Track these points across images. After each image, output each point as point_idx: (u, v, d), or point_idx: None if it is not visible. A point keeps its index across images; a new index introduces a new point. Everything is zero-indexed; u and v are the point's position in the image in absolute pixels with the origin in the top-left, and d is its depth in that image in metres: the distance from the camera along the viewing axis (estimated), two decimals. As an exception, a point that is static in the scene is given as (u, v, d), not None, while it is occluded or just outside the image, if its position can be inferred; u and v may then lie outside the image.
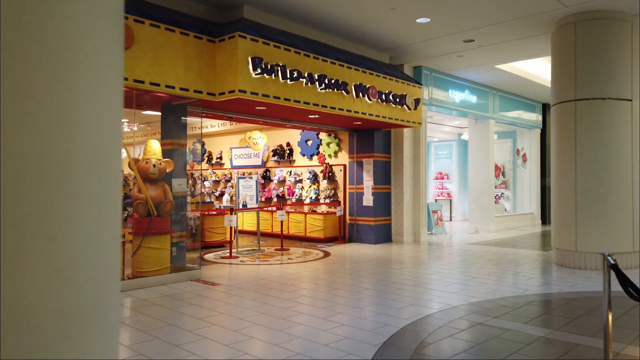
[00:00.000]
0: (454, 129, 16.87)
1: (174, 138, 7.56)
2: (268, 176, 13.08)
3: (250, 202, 9.80)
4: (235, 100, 7.18)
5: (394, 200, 11.25)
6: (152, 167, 6.86)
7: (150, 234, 6.71)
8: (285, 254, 9.45)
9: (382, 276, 7.23)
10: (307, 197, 11.86)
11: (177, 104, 7.45)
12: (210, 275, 7.31)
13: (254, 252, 9.66)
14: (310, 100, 7.91)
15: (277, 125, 10.43)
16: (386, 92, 9.51)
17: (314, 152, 12.10)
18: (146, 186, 6.87)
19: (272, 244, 11.03)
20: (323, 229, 11.07)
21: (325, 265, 8.24)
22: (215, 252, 9.69)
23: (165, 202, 6.86)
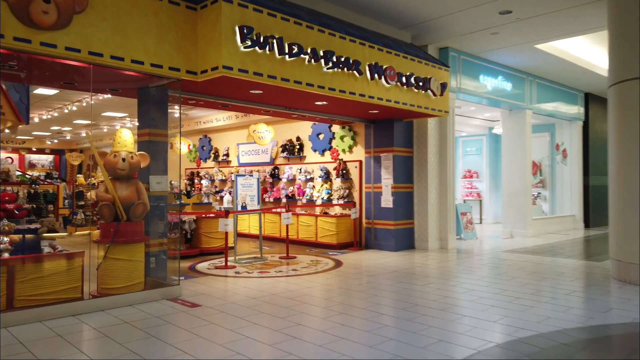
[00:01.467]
0: (483, 122, 15.29)
1: (152, 127, 6.36)
2: (277, 174, 11.82)
3: (251, 203, 8.55)
4: (221, 81, 5.93)
5: (417, 201, 9.82)
6: (121, 162, 5.67)
7: (118, 242, 5.51)
8: (290, 263, 8.16)
9: (402, 295, 5.86)
10: (318, 198, 10.55)
11: (156, 87, 6.25)
12: (192, 291, 6.07)
13: (255, 260, 8.40)
14: (314, 82, 6.60)
15: (281, 115, 9.15)
16: (407, 74, 8.11)
17: (326, 147, 10.79)
18: (115, 185, 5.68)
19: (278, 250, 9.76)
20: (336, 233, 9.74)
21: (334, 279, 6.91)
22: (211, 261, 8.47)
23: (136, 204, 5.65)
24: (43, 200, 13.70)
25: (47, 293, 4.91)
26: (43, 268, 4.91)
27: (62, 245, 5.42)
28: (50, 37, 4.64)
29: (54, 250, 5.09)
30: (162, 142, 6.43)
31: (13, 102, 7.44)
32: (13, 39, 4.41)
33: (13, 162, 15.14)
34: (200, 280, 6.83)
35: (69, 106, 11.29)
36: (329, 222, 9.87)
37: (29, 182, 13.56)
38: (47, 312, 4.74)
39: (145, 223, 6.01)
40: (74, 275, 5.14)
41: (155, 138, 6.36)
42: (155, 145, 6.36)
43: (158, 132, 6.38)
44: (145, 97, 6.40)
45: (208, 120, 13.42)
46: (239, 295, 5.86)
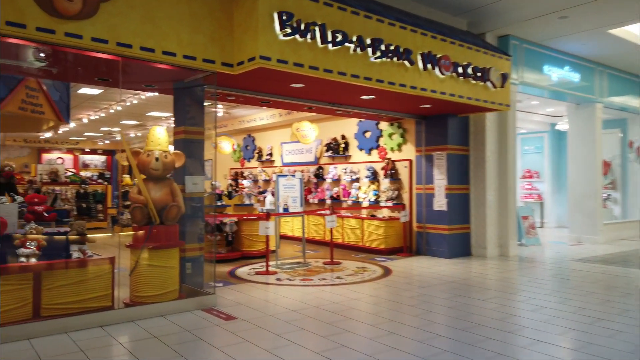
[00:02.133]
0: (545, 117, 14.10)
1: (188, 125, 5.99)
2: (321, 174, 11.31)
3: (293, 205, 8.06)
4: (259, 73, 5.46)
5: (474, 204, 9.00)
6: (155, 161, 5.31)
7: (150, 247, 5.16)
8: (334, 270, 7.61)
9: (460, 312, 5.16)
10: (365, 199, 9.93)
11: (191, 81, 5.87)
12: (229, 301, 5.63)
13: (297, 266, 7.91)
14: (360, 73, 6.00)
15: (325, 112, 8.61)
16: (464, 64, 7.35)
17: (373, 145, 10.14)
18: (148, 185, 5.33)
19: (322, 254, 9.23)
20: (384, 238, 9.08)
21: (383, 290, 6.28)
22: (252, 265, 8.05)
23: (169, 207, 5.27)
24: (92, 199, 13.94)
25: (75, 301, 4.61)
26: (71, 274, 4.61)
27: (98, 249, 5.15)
28: (76, 27, 4.31)
29: (83, 255, 4.79)
30: (199, 140, 6.05)
31: (53, 101, 7.33)
32: (36, 29, 4.11)
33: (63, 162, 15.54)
34: (239, 287, 6.40)
35: (114, 106, 11.29)
36: (377, 225, 9.23)
37: (79, 182, 13.82)
38: (74, 323, 4.42)
39: (181, 226, 5.64)
40: (104, 282, 4.82)
41: (191, 136, 5.99)
42: (191, 144, 5.99)
43: (194, 130, 6.00)
44: (181, 93, 6.04)
45: (251, 119, 13.11)
46: (278, 307, 5.36)
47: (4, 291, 4.23)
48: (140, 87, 6.33)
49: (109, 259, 4.89)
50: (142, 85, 6.25)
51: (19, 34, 4.05)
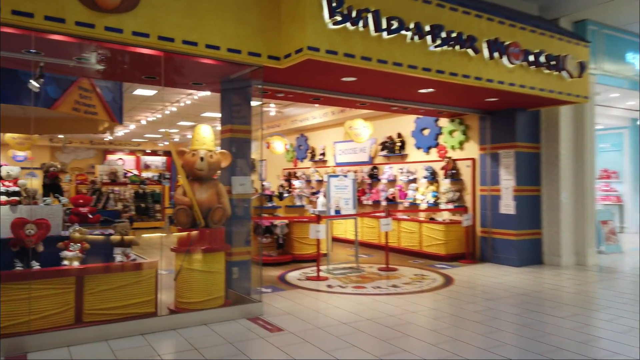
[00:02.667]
0: (625, 112, 12.74)
1: (235, 123, 5.72)
2: (376, 174, 10.79)
3: (346, 206, 7.63)
4: (307, 66, 5.07)
5: (546, 207, 8.15)
6: (200, 161, 5.07)
7: (195, 251, 4.92)
8: (390, 277, 7.09)
9: (534, 331, 4.50)
10: (423, 201, 9.31)
11: (238, 78, 5.59)
12: (277, 309, 5.29)
13: (350, 272, 7.47)
14: (418, 63, 5.47)
15: (379, 108, 8.11)
16: (536, 51, 6.60)
17: (432, 143, 9.50)
18: (194, 187, 5.10)
19: (377, 259, 8.73)
20: (444, 243, 8.44)
21: (444, 302, 5.70)
22: (303, 270, 7.70)
23: (214, 209, 5.01)
24: (150, 199, 14.20)
25: (117, 307, 4.44)
26: (114, 279, 4.44)
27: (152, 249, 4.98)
28: (116, 20, 4.12)
29: (127, 258, 4.62)
30: (246, 139, 5.76)
31: (106, 102, 7.34)
32: (75, 24, 3.95)
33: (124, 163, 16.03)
34: (288, 294, 6.05)
35: (169, 107, 11.39)
36: (436, 229, 8.60)
37: (139, 182, 14.14)
38: (115, 330, 4.24)
39: (227, 229, 5.38)
40: (147, 287, 4.62)
41: (238, 135, 5.71)
42: (238, 143, 5.71)
43: (241, 129, 5.72)
44: (227, 90, 5.79)
45: (304, 118, 12.82)
46: (328, 319, 4.95)
47: (47, 295, 4.12)
48: (187, 85, 6.15)
49: (153, 262, 4.69)
50: (190, 84, 6.05)
51: (58, 29, 3.90)
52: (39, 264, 4.19)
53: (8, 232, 4.18)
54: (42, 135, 12.30)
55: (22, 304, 3.98)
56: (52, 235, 4.44)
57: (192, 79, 5.75)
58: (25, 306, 3.97)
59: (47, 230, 4.29)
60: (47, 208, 4.47)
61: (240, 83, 5.63)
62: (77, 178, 14.90)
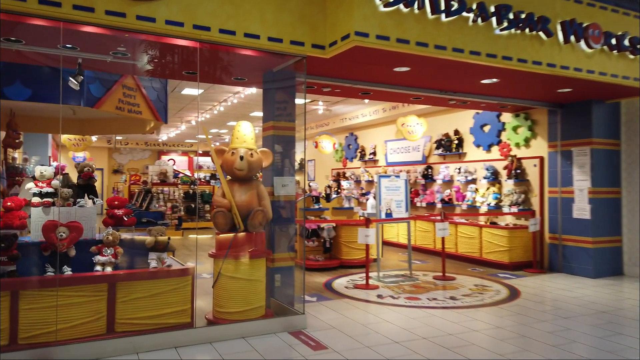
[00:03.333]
0: None
1: (277, 120, 5.32)
2: (430, 175, 10.11)
3: (398, 209, 7.06)
4: (355, 55, 4.59)
5: (628, 211, 7.20)
6: (239, 161, 4.71)
7: (234, 257, 4.57)
8: (447, 287, 6.47)
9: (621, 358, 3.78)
10: (483, 204, 8.56)
11: (280, 70, 5.20)
12: (321, 322, 4.84)
13: (403, 280, 6.89)
14: (481, 49, 4.84)
15: (435, 102, 7.47)
16: (618, 34, 5.76)
17: (494, 140, 8.72)
18: (233, 188, 4.76)
19: (432, 266, 8.10)
20: (508, 249, 7.67)
21: (511, 319, 5.03)
22: (351, 276, 7.22)
23: (254, 212, 4.63)
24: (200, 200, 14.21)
25: (151, 317, 4.15)
26: (147, 286, 4.16)
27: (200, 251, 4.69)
28: (148, 9, 3.83)
29: (162, 264, 4.33)
30: (289, 137, 5.35)
31: (151, 101, 7.19)
32: (105, 13, 3.68)
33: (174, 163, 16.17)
34: (334, 304, 5.59)
35: (217, 106, 11.26)
36: (498, 234, 7.84)
37: (189, 182, 14.19)
38: (147, 342, 3.95)
39: (269, 233, 5.00)
40: (183, 295, 4.31)
41: (280, 132, 5.31)
42: (281, 141, 5.31)
43: (284, 126, 5.31)
44: (269, 84, 5.40)
45: (353, 116, 12.32)
46: (378, 336, 4.44)
47: (77, 303, 3.88)
48: (229, 80, 5.83)
49: (188, 269, 4.37)
50: (231, 79, 5.73)
51: (87, 19, 3.65)
52: (71, 270, 3.97)
53: (40, 235, 3.99)
54: (92, 135, 12.48)
55: (50, 311, 3.76)
56: (85, 239, 4.23)
57: (232, 73, 5.41)
58: (54, 314, 3.75)
59: (80, 233, 4.07)
60: (81, 210, 4.26)
61: (283, 76, 5.23)
62: (131, 178, 15.22)
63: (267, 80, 5.43)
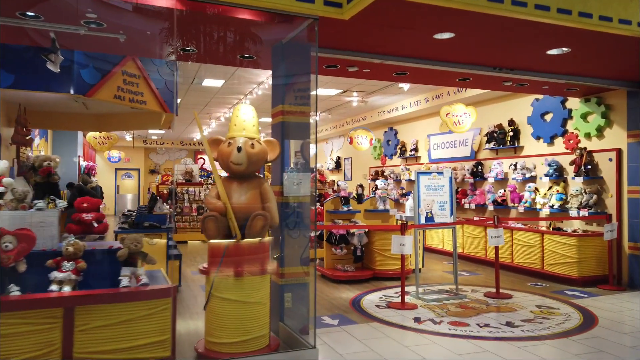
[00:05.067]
0: None
1: (288, 103, 4.35)
2: (480, 172, 8.84)
3: (441, 212, 5.91)
4: (381, 14, 3.54)
5: None
6: (236, 153, 3.78)
7: (228, 273, 3.63)
8: (501, 308, 5.27)
9: None
10: (544, 206, 7.23)
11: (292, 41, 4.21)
12: (344, 356, 3.82)
13: (447, 297, 5.75)
14: (551, 3, 3.67)
15: (485, 83, 6.23)
16: None
17: (557, 131, 7.37)
18: (230, 186, 3.84)
19: (483, 279, 6.89)
20: (577, 261, 6.35)
21: (589, 356, 3.81)
22: (385, 291, 6.15)
23: (252, 218, 3.68)
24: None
25: (119, 350, 3.27)
26: (114, 311, 3.28)
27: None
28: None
29: (137, 281, 3.45)
30: (303, 123, 4.36)
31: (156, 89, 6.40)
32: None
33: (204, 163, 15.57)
34: (360, 330, 4.54)
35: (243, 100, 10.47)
36: (565, 243, 6.52)
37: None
38: (109, 383, 3.07)
39: (277, 243, 4.05)
40: (161, 322, 3.40)
41: (292, 118, 4.33)
42: (293, 129, 4.33)
43: (296, 110, 4.33)
44: (279, 59, 4.43)
45: (392, 108, 11.17)
46: (411, 381, 3.37)
47: (24, 332, 3.06)
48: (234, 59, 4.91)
49: (167, 289, 3.47)
50: (237, 57, 4.80)
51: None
52: (19, 289, 3.16)
53: (-18, 246, 3.20)
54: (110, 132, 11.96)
55: (-17, 345, 2.95)
56: (43, 249, 3.42)
57: (235, 48, 4.49)
58: (-13, 349, 2.94)
59: (31, 243, 3.25)
60: (39, 214, 3.45)
61: (293, 49, 4.25)
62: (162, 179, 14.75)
63: (276, 55, 4.47)
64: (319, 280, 6.79)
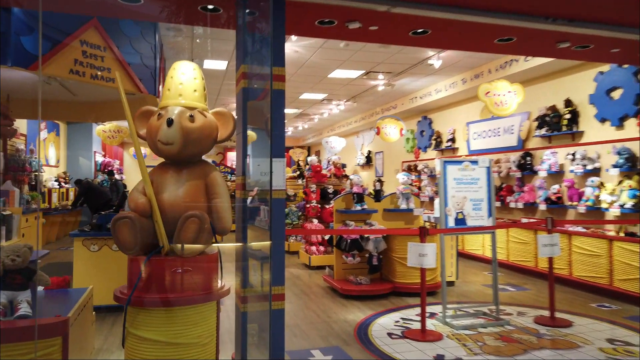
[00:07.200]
0: None
1: (251, 62, 3.18)
2: (529, 164, 7.34)
3: (475, 213, 4.56)
4: None
5: None
6: (164, 128, 2.65)
7: (148, 301, 2.51)
8: (557, 343, 3.90)
9: None
10: (612, 205, 5.70)
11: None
12: None
13: (484, 324, 4.40)
14: None
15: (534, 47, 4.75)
16: None
17: (629, 111, 5.82)
18: (163, 176, 2.73)
19: (533, 295, 5.48)
20: (659, 278, 4.83)
21: None
22: (406, 311, 4.88)
23: (182, 222, 2.54)
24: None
25: (-24, 413, 2.22)
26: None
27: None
28: None
29: (15, 311, 2.39)
30: (275, 90, 3.15)
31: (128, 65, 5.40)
32: None
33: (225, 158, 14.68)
34: (357, 374, 3.32)
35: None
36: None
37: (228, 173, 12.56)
38: None
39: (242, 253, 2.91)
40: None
41: (258, 83, 3.15)
42: (259, 96, 3.15)
43: (264, 72, 3.14)
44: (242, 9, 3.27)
45: (425, 93, 9.78)
46: None
47: None
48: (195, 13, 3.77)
49: (57, 324, 2.39)
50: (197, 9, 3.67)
51: None
52: None
53: None
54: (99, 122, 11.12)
55: None
56: None
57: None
58: None
59: None
60: None
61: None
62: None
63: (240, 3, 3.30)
64: (325, 294, 5.59)
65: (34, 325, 2.32)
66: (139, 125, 2.84)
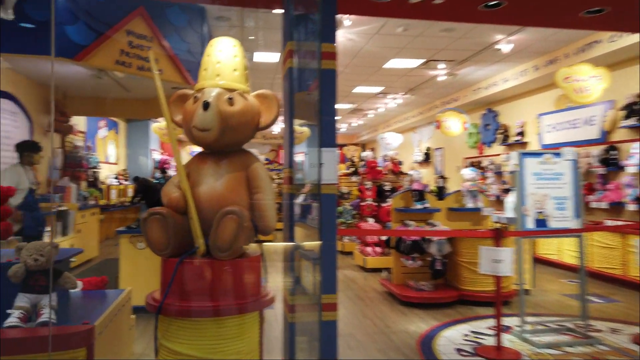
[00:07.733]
0: None
1: (301, 39, 2.80)
2: (614, 159, 6.49)
3: (560, 214, 3.93)
4: None
5: None
6: (201, 112, 2.29)
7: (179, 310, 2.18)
8: (668, 371, 3.21)
9: None
10: None
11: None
12: None
13: (570, 342, 3.77)
14: None
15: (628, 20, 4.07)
16: None
17: None
18: (200, 167, 2.40)
19: (624, 308, 4.76)
20: None
21: None
22: (476, 323, 4.33)
23: (219, 219, 2.18)
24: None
25: None
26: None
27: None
28: None
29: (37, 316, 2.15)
30: (326, 70, 2.74)
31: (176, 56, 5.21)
32: None
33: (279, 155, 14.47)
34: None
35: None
36: None
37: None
38: None
39: (288, 257, 2.55)
40: (67, 387, 2.07)
41: (307, 64, 2.77)
42: (310, 78, 2.77)
43: (312, 50, 2.74)
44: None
45: (491, 83, 9.02)
46: None
47: None
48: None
49: (80, 332, 2.11)
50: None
51: None
52: None
53: None
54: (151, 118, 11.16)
55: None
56: None
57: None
58: None
59: None
60: None
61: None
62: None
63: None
64: (383, 300, 5.13)
65: (53, 335, 2.05)
66: (175, 110, 2.52)
